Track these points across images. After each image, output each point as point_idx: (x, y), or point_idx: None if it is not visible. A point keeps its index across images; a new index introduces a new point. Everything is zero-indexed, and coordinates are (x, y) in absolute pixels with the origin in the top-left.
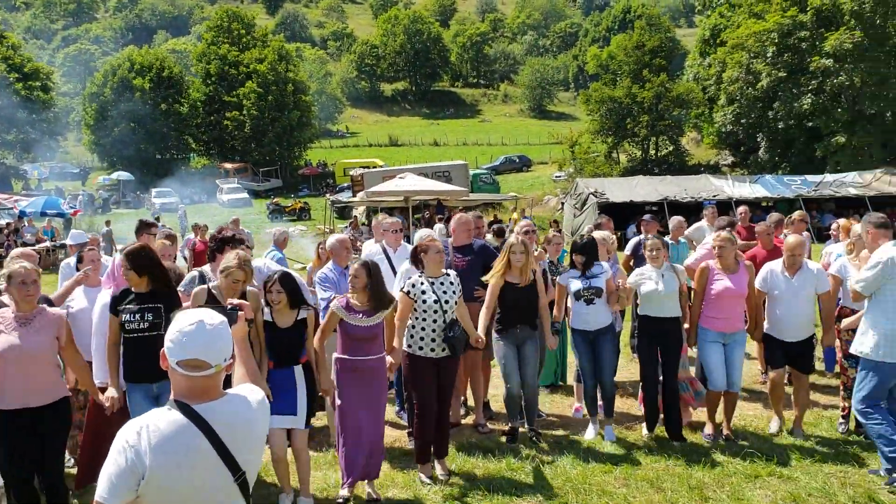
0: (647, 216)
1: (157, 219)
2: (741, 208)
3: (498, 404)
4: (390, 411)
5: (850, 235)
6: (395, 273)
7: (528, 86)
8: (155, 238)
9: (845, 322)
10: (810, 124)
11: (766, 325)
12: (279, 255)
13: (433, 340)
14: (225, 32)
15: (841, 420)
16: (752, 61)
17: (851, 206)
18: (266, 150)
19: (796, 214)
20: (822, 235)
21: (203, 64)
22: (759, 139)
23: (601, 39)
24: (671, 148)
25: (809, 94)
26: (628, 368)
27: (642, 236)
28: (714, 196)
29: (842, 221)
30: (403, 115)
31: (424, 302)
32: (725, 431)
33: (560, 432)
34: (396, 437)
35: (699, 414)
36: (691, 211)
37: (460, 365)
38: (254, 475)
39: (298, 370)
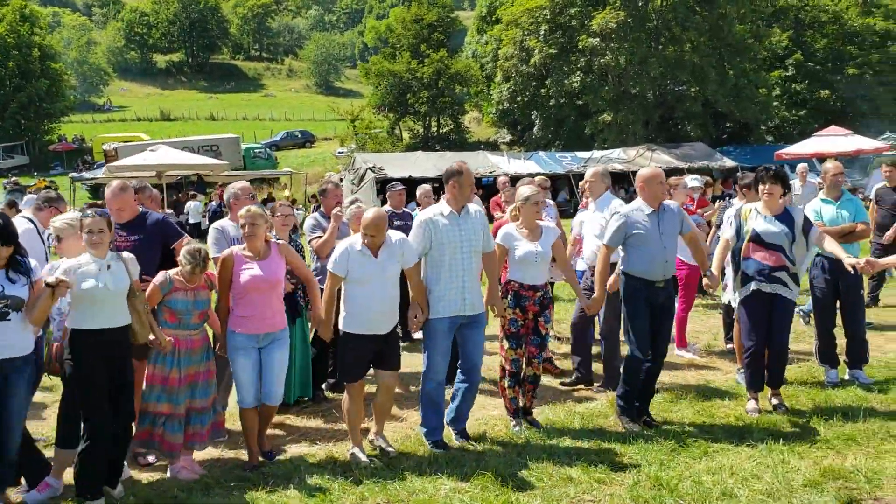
0: (395, 185)
1: None
2: (501, 178)
3: None
4: None
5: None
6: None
7: (313, 61)
8: None
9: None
10: (580, 102)
11: (343, 317)
12: None
13: None
14: None
15: (514, 422)
16: (526, 38)
17: (617, 182)
18: (9, 123)
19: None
20: None
21: None
22: (533, 117)
23: (385, 16)
24: (452, 125)
25: (579, 73)
26: None
27: (387, 208)
28: (491, 172)
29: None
30: (179, 88)
31: None
32: (258, 457)
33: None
34: None
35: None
36: None
37: None
38: None
39: None
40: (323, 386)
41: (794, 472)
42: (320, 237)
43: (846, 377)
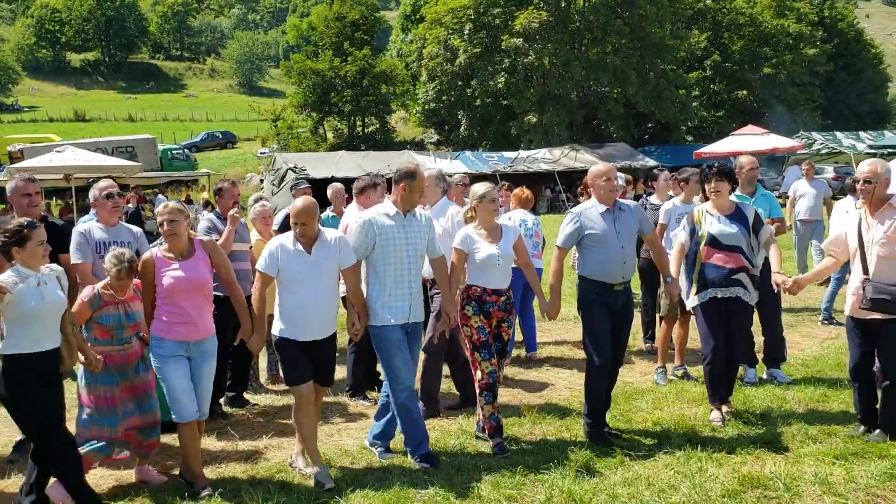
0: (300, 183)
1: None
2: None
3: None
4: None
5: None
6: None
7: (236, 60)
8: None
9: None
10: (505, 103)
11: (278, 325)
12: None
13: None
14: None
15: (494, 442)
16: (450, 38)
17: (543, 181)
18: None
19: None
20: None
21: None
22: (460, 116)
23: (309, 14)
24: (378, 125)
25: (503, 73)
26: None
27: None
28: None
29: (516, 190)
30: (96, 88)
31: None
32: (205, 478)
33: None
34: None
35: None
36: None
37: None
38: None
39: None
40: (221, 400)
41: (711, 481)
42: (216, 241)
43: (764, 376)
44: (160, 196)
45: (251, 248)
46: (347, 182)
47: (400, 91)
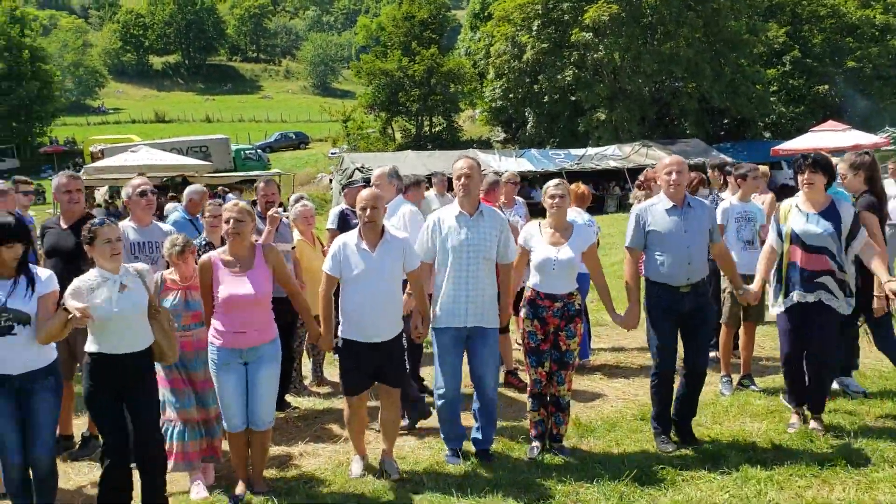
0: (354, 182)
1: None
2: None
3: None
4: None
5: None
6: None
7: (311, 62)
8: None
9: None
10: (573, 98)
11: (342, 328)
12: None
13: None
14: None
15: (533, 445)
16: (518, 34)
17: (612, 178)
18: None
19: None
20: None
21: None
22: (527, 114)
23: (379, 15)
24: (445, 124)
25: (571, 68)
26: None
27: (344, 206)
28: (482, 171)
29: (572, 186)
30: (176, 89)
31: None
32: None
33: None
34: None
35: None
36: None
37: None
38: None
39: None
40: None
41: None
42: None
43: (835, 386)
44: (230, 195)
45: (293, 248)
46: None
47: (467, 90)
